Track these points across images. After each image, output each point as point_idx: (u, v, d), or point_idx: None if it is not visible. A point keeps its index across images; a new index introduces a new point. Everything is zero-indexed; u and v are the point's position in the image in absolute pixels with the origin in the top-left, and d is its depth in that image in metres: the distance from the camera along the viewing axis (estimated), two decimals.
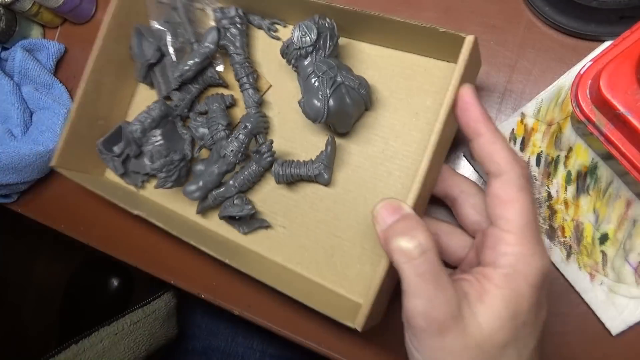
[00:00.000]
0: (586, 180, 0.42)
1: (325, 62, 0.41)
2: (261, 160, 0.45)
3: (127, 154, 0.50)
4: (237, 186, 0.47)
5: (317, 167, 0.44)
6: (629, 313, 0.39)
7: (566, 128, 0.43)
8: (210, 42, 0.47)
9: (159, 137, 0.48)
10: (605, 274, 0.40)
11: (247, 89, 0.48)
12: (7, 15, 0.58)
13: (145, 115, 0.48)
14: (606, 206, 0.41)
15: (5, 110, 0.58)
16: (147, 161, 0.48)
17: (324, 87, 0.40)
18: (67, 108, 0.58)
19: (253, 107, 0.48)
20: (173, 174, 0.46)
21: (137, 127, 0.48)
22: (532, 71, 0.45)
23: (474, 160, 0.45)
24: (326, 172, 0.44)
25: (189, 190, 0.46)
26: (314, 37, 0.40)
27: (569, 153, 0.42)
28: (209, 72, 0.49)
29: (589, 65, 0.34)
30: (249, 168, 0.46)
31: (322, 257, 0.46)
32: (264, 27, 0.49)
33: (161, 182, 0.46)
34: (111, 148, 0.50)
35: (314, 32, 0.40)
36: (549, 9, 0.43)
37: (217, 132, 0.47)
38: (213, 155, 0.47)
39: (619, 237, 0.40)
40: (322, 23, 0.41)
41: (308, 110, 0.41)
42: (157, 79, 0.50)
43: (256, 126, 0.46)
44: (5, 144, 0.55)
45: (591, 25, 0.42)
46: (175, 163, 0.46)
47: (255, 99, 0.48)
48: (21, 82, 0.60)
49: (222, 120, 0.47)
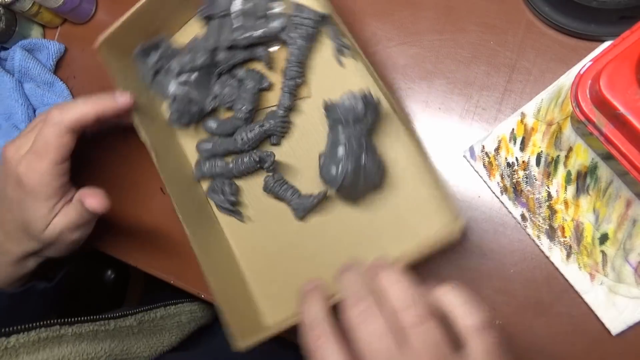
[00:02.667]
0: (586, 180, 0.42)
1: (358, 141, 0.42)
2: (262, 163, 0.47)
3: (158, 67, 0.50)
4: (232, 171, 0.49)
5: (298, 203, 0.46)
6: (629, 313, 0.39)
7: (566, 128, 0.43)
8: (276, 26, 0.47)
9: (191, 80, 0.49)
10: (605, 274, 0.40)
11: (285, 92, 0.47)
12: (7, 15, 0.58)
13: (190, 58, 0.48)
14: (606, 206, 0.41)
15: (9, 107, 0.58)
16: (170, 92, 0.50)
17: (346, 162, 0.41)
18: None
19: (282, 109, 0.48)
20: (185, 117, 0.49)
21: (175, 66, 0.49)
22: (532, 71, 0.45)
23: (474, 160, 0.45)
24: (302, 212, 0.47)
25: (202, 147, 0.50)
26: (360, 110, 0.41)
27: (569, 153, 0.42)
28: (261, 48, 0.49)
29: (589, 65, 0.34)
30: (248, 161, 0.48)
31: (266, 270, 0.49)
32: (335, 44, 0.47)
33: (172, 121, 0.50)
34: (147, 56, 0.51)
35: (361, 106, 0.41)
36: (549, 9, 0.43)
37: (239, 111, 0.48)
38: (227, 124, 0.49)
39: (619, 237, 0.40)
40: (369, 99, 0.42)
41: (324, 172, 0.43)
42: (213, 28, 0.50)
43: (274, 129, 0.47)
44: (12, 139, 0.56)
45: (591, 25, 0.42)
46: (192, 112, 0.49)
47: (287, 104, 0.47)
48: (22, 80, 0.60)
49: (248, 104, 0.48)
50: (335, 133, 0.43)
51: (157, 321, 0.54)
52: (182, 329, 0.57)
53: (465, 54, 0.46)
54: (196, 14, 0.52)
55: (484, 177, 0.45)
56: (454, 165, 0.46)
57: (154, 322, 0.53)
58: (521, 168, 0.44)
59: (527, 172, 0.43)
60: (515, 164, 0.44)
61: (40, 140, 0.44)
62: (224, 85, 0.49)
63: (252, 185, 0.50)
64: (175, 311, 0.56)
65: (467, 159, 0.45)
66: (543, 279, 0.42)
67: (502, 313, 0.43)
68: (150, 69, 0.50)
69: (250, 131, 0.47)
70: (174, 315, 0.56)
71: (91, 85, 0.61)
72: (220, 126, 0.50)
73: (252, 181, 0.50)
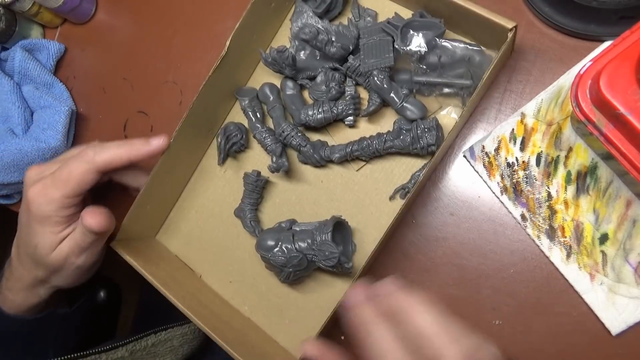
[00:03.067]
0: (586, 180, 0.42)
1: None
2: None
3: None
4: (255, 133, 0.50)
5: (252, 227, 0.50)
6: (629, 313, 0.39)
7: (566, 128, 0.43)
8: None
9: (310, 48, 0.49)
10: (605, 274, 0.40)
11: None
12: (7, 16, 0.58)
13: (329, 37, 0.47)
14: (606, 206, 0.41)
15: (6, 110, 0.58)
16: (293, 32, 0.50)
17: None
18: (68, 106, 0.58)
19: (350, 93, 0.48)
20: (276, 66, 0.48)
21: (316, 24, 0.48)
22: (532, 71, 0.45)
23: (474, 160, 0.45)
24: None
25: (264, 92, 0.51)
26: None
27: (569, 153, 0.42)
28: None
29: (589, 65, 0.34)
30: (271, 146, 0.49)
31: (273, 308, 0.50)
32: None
33: (264, 60, 0.48)
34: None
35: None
36: (549, 9, 0.43)
37: (306, 115, 0.47)
38: (299, 102, 0.50)
39: (619, 237, 0.40)
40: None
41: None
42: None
43: (346, 110, 0.47)
44: (7, 142, 0.55)
45: (591, 25, 0.42)
46: (285, 70, 0.48)
47: (357, 93, 0.48)
48: (21, 81, 0.60)
49: (319, 118, 0.47)
50: None
51: (150, 349, 0.53)
52: (175, 352, 0.56)
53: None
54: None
55: (484, 177, 0.45)
56: (454, 165, 0.46)
57: (146, 350, 0.52)
58: (521, 168, 0.44)
59: (527, 172, 0.43)
60: (515, 164, 0.44)
61: (64, 169, 0.43)
62: (327, 81, 0.48)
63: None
64: (167, 336, 0.55)
65: (467, 159, 0.45)
66: (543, 279, 0.42)
67: (502, 313, 0.43)
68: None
69: (319, 112, 0.47)
70: (165, 341, 0.55)
71: (91, 85, 0.61)
72: (292, 97, 0.49)
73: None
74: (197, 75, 0.56)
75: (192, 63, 0.57)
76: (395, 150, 0.45)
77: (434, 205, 0.46)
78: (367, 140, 0.46)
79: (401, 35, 0.44)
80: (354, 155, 0.47)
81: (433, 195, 0.46)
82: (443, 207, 0.46)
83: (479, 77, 0.42)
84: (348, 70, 0.47)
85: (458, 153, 0.46)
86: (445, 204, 0.46)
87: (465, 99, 0.44)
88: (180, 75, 0.57)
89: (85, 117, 0.61)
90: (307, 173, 0.50)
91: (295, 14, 0.50)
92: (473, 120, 0.46)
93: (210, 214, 0.53)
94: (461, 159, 0.46)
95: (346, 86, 0.49)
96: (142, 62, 0.59)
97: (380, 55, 0.44)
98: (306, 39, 0.46)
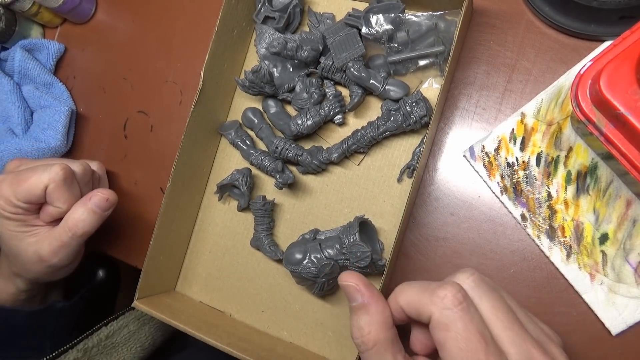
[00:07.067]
0: (586, 180, 0.42)
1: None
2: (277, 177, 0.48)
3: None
4: (252, 159, 0.50)
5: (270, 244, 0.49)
6: (629, 313, 0.39)
7: (566, 128, 0.43)
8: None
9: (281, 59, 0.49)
10: (605, 274, 0.40)
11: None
12: (6, 15, 0.58)
13: (296, 45, 0.47)
14: (606, 206, 0.41)
15: (5, 110, 0.58)
16: (260, 53, 0.50)
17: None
18: (68, 106, 0.58)
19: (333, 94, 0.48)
20: (254, 90, 0.49)
21: (279, 37, 0.49)
22: (532, 71, 0.45)
23: (474, 160, 0.45)
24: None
25: (247, 116, 0.51)
26: None
27: (569, 153, 0.42)
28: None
29: (589, 65, 0.34)
30: (269, 165, 0.49)
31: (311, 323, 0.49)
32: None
33: (241, 86, 0.49)
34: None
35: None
36: (549, 9, 0.43)
37: (295, 124, 0.47)
38: (283, 117, 0.50)
39: (619, 237, 0.40)
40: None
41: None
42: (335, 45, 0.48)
43: (333, 109, 0.48)
44: (7, 142, 0.56)
45: (591, 25, 0.42)
46: (263, 90, 0.49)
47: (339, 93, 0.48)
48: (21, 81, 0.60)
49: (310, 124, 0.47)
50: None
51: (105, 342, 0.51)
52: (137, 338, 0.54)
53: (465, 53, 0.46)
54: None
55: (484, 177, 0.45)
56: (454, 165, 0.46)
57: (102, 345, 0.51)
58: (521, 168, 0.44)
59: (527, 172, 0.43)
60: (515, 164, 0.44)
61: (28, 172, 0.45)
62: (306, 88, 0.48)
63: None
64: (120, 324, 0.53)
65: (467, 159, 0.45)
66: (543, 279, 0.42)
67: None
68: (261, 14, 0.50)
69: (308, 118, 0.47)
70: (120, 329, 0.53)
71: (91, 85, 0.61)
72: (276, 114, 0.49)
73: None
74: (197, 75, 0.56)
75: (192, 63, 0.57)
76: (390, 133, 0.45)
77: (434, 205, 0.46)
78: (361, 131, 0.46)
79: (365, 22, 0.45)
80: (352, 150, 0.47)
81: (433, 195, 0.46)
82: (443, 207, 0.46)
83: (449, 41, 0.44)
84: (323, 70, 0.47)
85: (458, 153, 0.46)
86: (445, 204, 0.46)
87: (442, 66, 0.45)
88: (180, 75, 0.57)
89: (85, 117, 0.61)
90: (310, 182, 0.50)
91: (258, 37, 0.50)
92: (473, 120, 0.46)
93: (225, 251, 0.52)
94: (461, 159, 0.46)
95: (325, 88, 0.49)
96: (142, 62, 0.59)
97: (351, 47, 0.45)
98: (277, 51, 0.46)
